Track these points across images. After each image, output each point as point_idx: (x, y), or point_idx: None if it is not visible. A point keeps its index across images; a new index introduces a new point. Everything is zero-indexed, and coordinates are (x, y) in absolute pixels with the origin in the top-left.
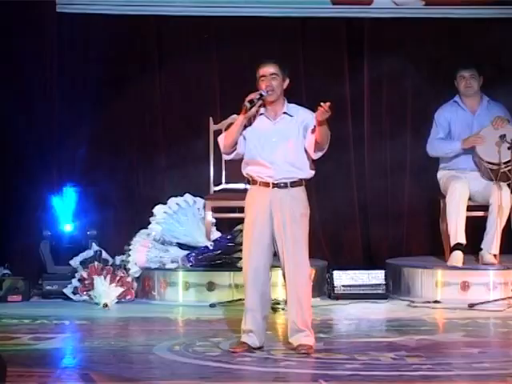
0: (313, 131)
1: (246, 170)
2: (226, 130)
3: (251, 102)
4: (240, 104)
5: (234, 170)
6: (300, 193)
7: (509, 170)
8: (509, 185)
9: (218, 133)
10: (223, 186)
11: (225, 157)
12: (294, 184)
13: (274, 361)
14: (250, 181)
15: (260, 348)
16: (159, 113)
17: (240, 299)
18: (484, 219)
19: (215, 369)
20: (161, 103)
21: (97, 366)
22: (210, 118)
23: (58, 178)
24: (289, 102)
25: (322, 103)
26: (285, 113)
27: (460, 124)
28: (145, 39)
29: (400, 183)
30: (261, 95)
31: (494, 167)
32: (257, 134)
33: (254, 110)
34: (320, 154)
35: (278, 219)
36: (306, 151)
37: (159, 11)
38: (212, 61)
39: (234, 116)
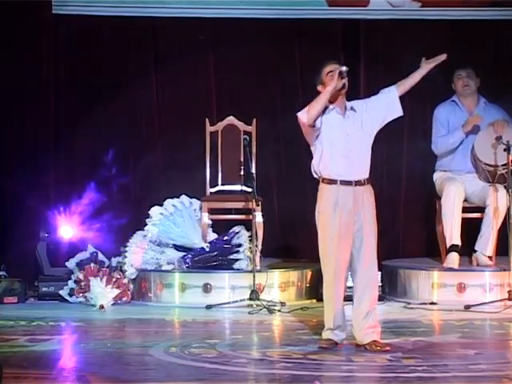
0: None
1: (322, 168)
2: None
3: (341, 73)
4: (236, 105)
5: (231, 171)
6: (371, 189)
7: (506, 172)
8: (505, 187)
9: (213, 134)
10: (219, 187)
11: (306, 130)
12: (368, 181)
13: (270, 362)
14: (327, 180)
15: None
16: (155, 114)
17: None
18: (480, 221)
19: (211, 370)
20: (157, 104)
21: (93, 368)
22: (207, 120)
23: (56, 180)
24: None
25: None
26: (351, 108)
27: (458, 123)
28: (141, 40)
29: (396, 185)
30: (341, 72)
31: (491, 169)
32: (331, 129)
33: (342, 82)
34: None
35: (362, 216)
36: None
37: (155, 13)
38: (208, 62)
39: (230, 118)
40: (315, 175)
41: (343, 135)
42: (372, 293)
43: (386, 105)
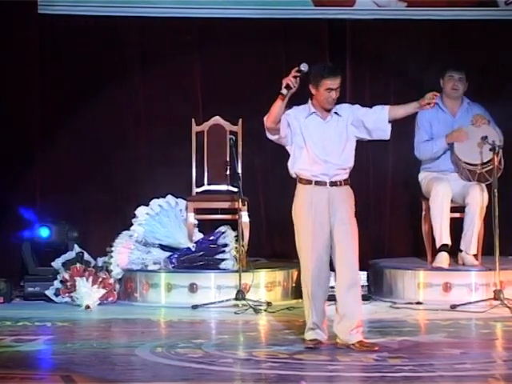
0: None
1: (297, 169)
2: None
3: (288, 87)
4: (222, 105)
5: (217, 171)
6: (350, 190)
7: (486, 171)
8: (487, 185)
9: (199, 134)
10: (205, 187)
11: (268, 135)
12: (346, 182)
13: (256, 362)
14: (303, 180)
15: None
16: (142, 114)
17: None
18: (463, 220)
19: (197, 370)
20: (143, 104)
21: (79, 368)
22: (193, 119)
23: (41, 179)
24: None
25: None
26: (335, 113)
27: (441, 126)
28: (127, 40)
29: (382, 185)
30: (300, 72)
31: (472, 168)
32: (309, 133)
33: (290, 93)
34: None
35: (337, 217)
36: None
37: (141, 12)
38: (194, 62)
39: (216, 118)
40: (291, 175)
41: (321, 139)
42: (355, 292)
43: (374, 124)
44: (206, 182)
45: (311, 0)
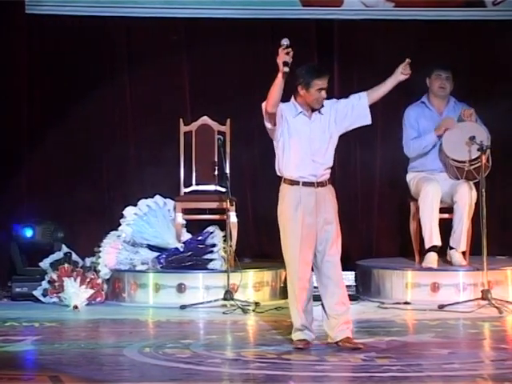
0: None
1: (284, 170)
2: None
3: (286, 64)
4: (210, 105)
5: (205, 171)
6: (333, 189)
7: (474, 169)
8: (475, 183)
9: (188, 134)
10: (193, 187)
11: (266, 123)
12: (329, 181)
13: (244, 362)
14: (288, 180)
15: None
16: (129, 114)
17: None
18: (452, 220)
19: (185, 370)
20: (131, 104)
21: (66, 368)
22: (181, 120)
23: (28, 180)
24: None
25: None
26: (318, 111)
27: (427, 125)
28: (115, 40)
29: (369, 185)
30: (287, 46)
31: (459, 165)
32: (297, 132)
33: (288, 56)
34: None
35: (323, 217)
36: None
37: (129, 12)
38: (182, 62)
39: (204, 118)
40: (278, 173)
41: (307, 138)
42: (342, 291)
43: (354, 111)
44: (194, 182)
45: (299, 0)
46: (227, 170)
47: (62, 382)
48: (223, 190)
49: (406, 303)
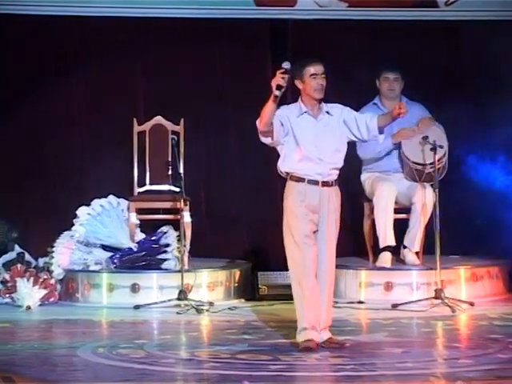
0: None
1: (289, 168)
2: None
3: (280, 87)
4: (164, 105)
5: (158, 171)
6: (338, 191)
7: (433, 171)
8: (432, 185)
9: (141, 134)
10: (147, 187)
11: (261, 139)
12: (336, 182)
13: (199, 362)
14: (295, 177)
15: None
16: (83, 113)
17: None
18: (407, 221)
19: (139, 371)
20: (84, 103)
21: (19, 369)
22: (134, 119)
23: None
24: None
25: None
26: (327, 112)
27: None
28: (66, 39)
29: None
30: (285, 71)
31: (420, 167)
32: (302, 132)
33: (284, 80)
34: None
35: (325, 217)
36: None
37: (82, 12)
38: (136, 62)
39: (158, 118)
40: (281, 174)
41: (314, 138)
42: (330, 293)
43: (368, 129)
44: (147, 181)
45: (253, 0)
46: (181, 170)
47: (15, 382)
48: (177, 189)
49: (360, 302)
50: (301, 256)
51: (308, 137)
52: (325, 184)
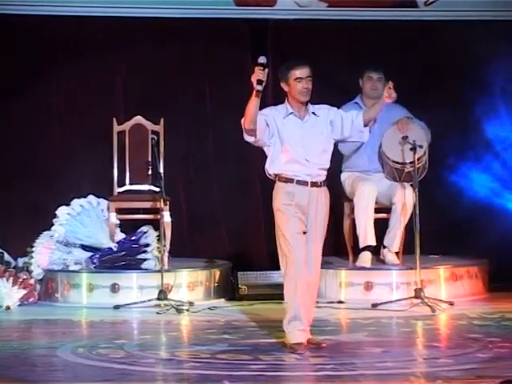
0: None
1: (277, 170)
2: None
3: (260, 82)
4: (144, 105)
5: (138, 171)
6: (327, 192)
7: (413, 170)
8: (411, 185)
9: (121, 134)
10: (127, 187)
11: (245, 137)
12: (325, 183)
13: (179, 362)
14: (283, 178)
15: None
16: (62, 113)
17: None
18: (387, 221)
19: (119, 371)
20: (64, 103)
21: None
22: (114, 119)
23: None
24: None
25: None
26: (313, 113)
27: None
28: (46, 39)
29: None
30: (262, 65)
31: (399, 166)
32: (288, 134)
33: (264, 74)
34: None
35: (313, 217)
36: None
37: (64, 11)
38: (115, 61)
39: (138, 117)
40: (269, 176)
41: (301, 139)
42: (314, 294)
43: (353, 125)
44: (127, 181)
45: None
46: (161, 170)
47: None
48: (157, 189)
49: (340, 302)
50: (297, 257)
51: (295, 138)
52: (314, 184)
